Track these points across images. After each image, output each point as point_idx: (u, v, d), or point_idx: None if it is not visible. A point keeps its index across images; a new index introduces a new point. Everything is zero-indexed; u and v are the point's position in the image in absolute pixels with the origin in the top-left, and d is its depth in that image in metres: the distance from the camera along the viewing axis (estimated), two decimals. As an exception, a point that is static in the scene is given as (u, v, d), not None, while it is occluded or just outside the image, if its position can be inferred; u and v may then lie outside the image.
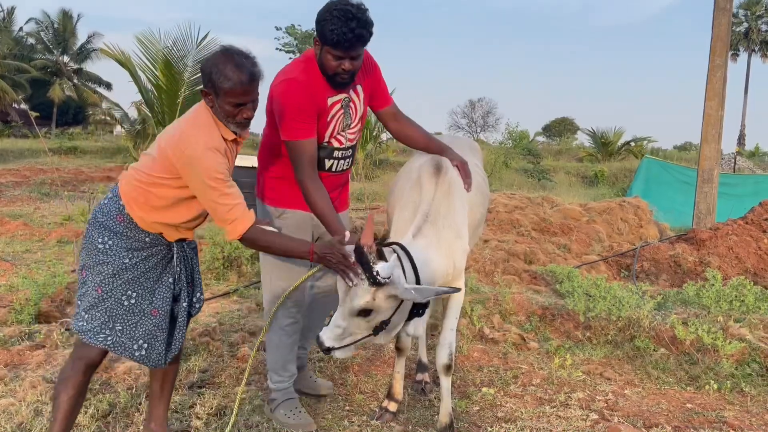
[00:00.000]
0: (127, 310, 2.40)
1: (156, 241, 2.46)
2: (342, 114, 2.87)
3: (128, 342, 2.42)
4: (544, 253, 6.80)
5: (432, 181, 2.82)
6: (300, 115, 2.71)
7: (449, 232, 2.79)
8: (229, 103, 2.34)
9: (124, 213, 2.39)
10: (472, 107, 57.61)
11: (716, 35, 9.10)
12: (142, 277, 2.43)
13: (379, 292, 2.40)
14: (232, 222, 2.37)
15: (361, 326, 2.49)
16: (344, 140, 2.94)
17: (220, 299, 5.10)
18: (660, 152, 33.32)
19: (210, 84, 2.34)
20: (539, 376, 3.85)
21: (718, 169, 9.32)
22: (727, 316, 4.29)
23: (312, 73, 2.76)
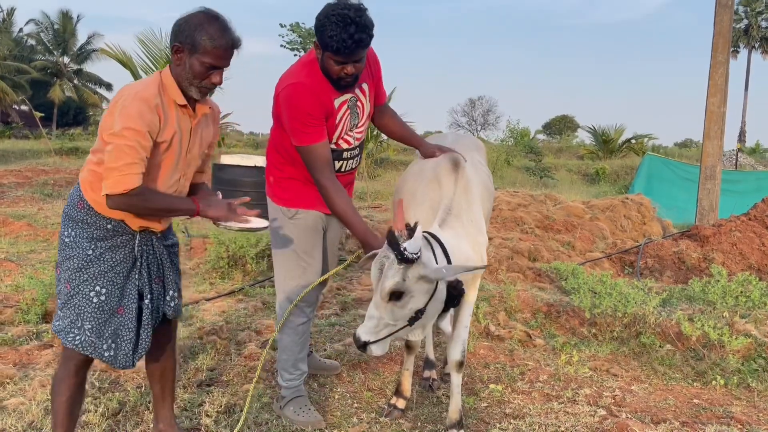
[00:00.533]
0: (96, 307, 2.28)
1: (119, 229, 2.32)
2: (349, 114, 2.87)
3: (97, 341, 2.29)
4: (548, 251, 6.81)
5: (451, 177, 2.84)
6: (310, 120, 2.70)
7: (473, 228, 2.82)
8: (204, 63, 2.23)
9: (84, 199, 2.29)
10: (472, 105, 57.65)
11: (718, 31, 9.10)
12: (111, 271, 2.30)
13: (410, 272, 2.35)
14: (124, 175, 2.13)
15: (396, 314, 2.42)
16: (352, 140, 2.95)
17: (225, 298, 5.11)
18: (661, 149, 33.37)
19: (189, 40, 2.22)
20: (546, 372, 3.86)
21: (720, 166, 9.33)
22: (733, 311, 4.29)
23: (316, 75, 2.74)
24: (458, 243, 2.66)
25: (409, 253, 2.31)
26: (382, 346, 2.47)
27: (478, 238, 2.83)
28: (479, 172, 3.22)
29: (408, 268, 2.35)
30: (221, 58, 2.26)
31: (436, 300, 2.47)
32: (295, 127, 2.71)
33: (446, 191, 2.80)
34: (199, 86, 2.29)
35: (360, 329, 2.45)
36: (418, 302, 2.43)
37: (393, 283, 2.36)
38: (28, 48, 49.14)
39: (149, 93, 2.21)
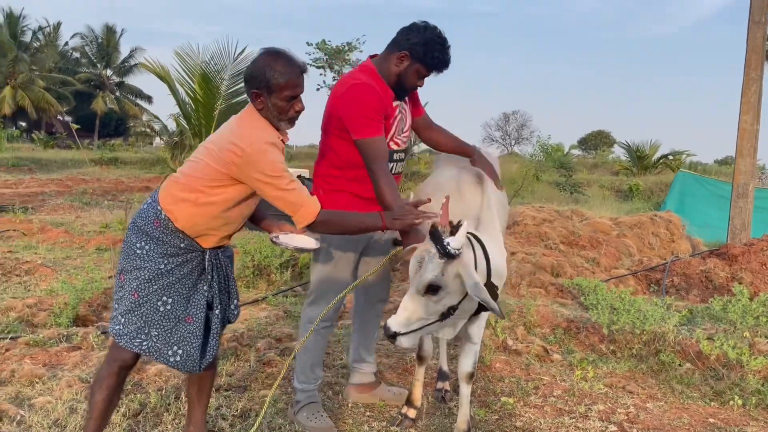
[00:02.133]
0: (162, 315, 2.44)
1: (190, 248, 2.49)
2: (400, 118, 3.11)
3: (163, 348, 2.45)
4: (571, 267, 6.79)
5: (477, 190, 2.92)
6: (374, 114, 2.90)
7: (499, 244, 2.89)
8: (284, 97, 2.44)
9: (162, 218, 2.44)
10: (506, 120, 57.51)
11: (751, 48, 8.98)
12: (178, 283, 2.46)
13: (449, 267, 2.40)
14: (303, 206, 2.43)
15: (429, 308, 2.46)
16: (401, 143, 3.16)
17: (249, 306, 5.23)
18: (699, 166, 32.73)
19: (263, 83, 2.42)
20: (560, 387, 3.87)
21: (753, 184, 9.16)
22: (754, 331, 4.24)
23: (378, 80, 2.99)
24: (494, 250, 2.72)
25: (452, 248, 2.38)
26: (411, 338, 2.50)
27: (503, 252, 2.92)
28: (495, 190, 3.28)
29: (448, 264, 2.40)
30: (296, 87, 2.47)
31: (471, 299, 2.48)
32: (358, 121, 2.88)
33: (472, 203, 2.87)
34: (288, 119, 2.52)
35: (391, 320, 2.48)
36: (453, 299, 2.48)
37: (432, 277, 2.41)
38: (73, 61, 50.80)
39: (274, 139, 2.46)
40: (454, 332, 2.71)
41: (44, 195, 13.18)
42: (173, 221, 2.44)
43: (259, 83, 2.43)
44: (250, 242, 6.22)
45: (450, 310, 2.50)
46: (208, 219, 2.46)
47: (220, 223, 2.48)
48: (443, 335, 2.70)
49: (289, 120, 2.52)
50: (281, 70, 2.42)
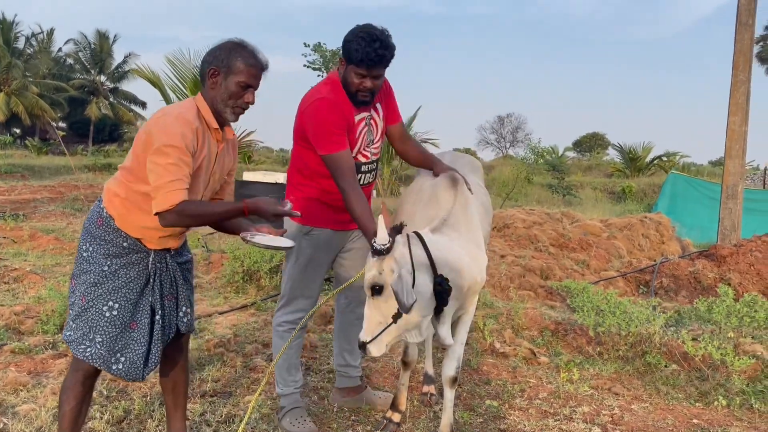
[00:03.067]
0: (108, 321, 2.38)
1: (134, 247, 2.42)
2: (366, 131, 3.08)
3: (107, 354, 2.38)
4: (561, 269, 6.81)
5: (450, 193, 2.92)
6: (334, 129, 2.90)
7: (472, 245, 2.88)
8: (239, 83, 2.40)
9: (104, 215, 2.40)
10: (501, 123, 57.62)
11: (739, 50, 9.04)
12: (125, 287, 2.40)
13: (384, 264, 2.44)
14: (169, 192, 2.24)
15: (381, 310, 2.49)
16: (369, 155, 3.14)
17: (237, 312, 5.23)
18: (693, 167, 32.83)
19: (224, 62, 2.40)
20: (546, 389, 3.89)
21: (742, 185, 9.20)
22: (738, 331, 4.26)
23: (339, 93, 2.97)
24: (450, 245, 2.71)
25: (377, 244, 2.43)
26: (378, 345, 2.53)
27: (477, 255, 2.89)
28: (477, 192, 3.29)
29: (382, 261, 2.45)
30: (254, 77, 2.45)
31: (418, 296, 2.49)
32: (321, 138, 2.90)
33: (444, 206, 2.88)
34: (234, 106, 2.45)
35: (361, 331, 2.55)
36: None
37: (370, 276, 2.47)
38: (67, 67, 50.69)
39: (191, 116, 2.36)
40: (420, 335, 2.69)
41: (36, 202, 13.14)
42: (114, 219, 2.40)
43: (220, 62, 2.40)
44: (240, 248, 6.21)
45: (399, 311, 2.49)
46: (138, 214, 2.38)
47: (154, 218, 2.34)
48: (411, 339, 2.68)
49: (235, 109, 2.44)
50: (246, 56, 2.42)
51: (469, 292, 2.88)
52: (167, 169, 2.24)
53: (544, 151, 22.20)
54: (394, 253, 2.46)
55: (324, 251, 3.20)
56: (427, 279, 2.55)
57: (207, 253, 7.10)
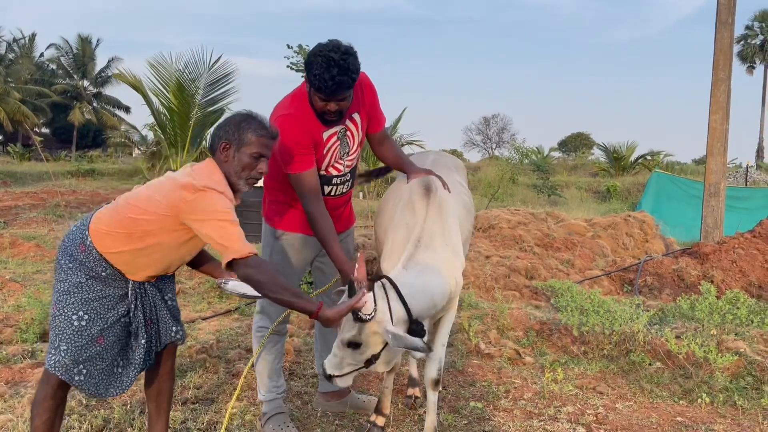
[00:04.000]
0: (75, 330, 2.35)
1: (114, 277, 2.42)
2: (338, 144, 2.99)
3: (70, 364, 2.35)
4: (546, 269, 6.82)
5: (423, 202, 2.90)
6: (299, 149, 2.83)
7: (446, 251, 2.87)
8: (251, 154, 2.42)
9: (87, 244, 2.38)
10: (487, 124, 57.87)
11: (719, 49, 9.11)
12: (97, 301, 2.38)
13: (365, 328, 2.54)
14: (238, 242, 2.31)
15: (355, 358, 2.62)
16: (342, 167, 3.06)
17: (221, 317, 5.18)
18: (677, 166, 33.11)
19: (235, 134, 2.43)
20: (531, 390, 3.88)
21: (724, 183, 9.28)
22: (721, 329, 4.28)
23: (305, 108, 2.87)
24: (423, 282, 2.72)
25: (363, 314, 2.51)
26: (345, 380, 2.70)
27: (454, 262, 2.88)
28: (458, 192, 3.27)
29: (363, 326, 2.54)
30: (266, 147, 2.47)
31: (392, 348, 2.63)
32: (285, 156, 2.85)
33: (418, 218, 2.87)
34: (248, 178, 2.46)
35: (326, 361, 2.68)
36: (374, 349, 2.61)
37: (350, 337, 2.57)
38: (49, 72, 50.23)
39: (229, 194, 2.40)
40: (388, 367, 2.78)
41: (18, 208, 12.99)
42: (98, 249, 2.38)
43: (231, 135, 2.43)
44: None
45: (373, 358, 2.63)
46: (136, 258, 2.41)
47: (150, 262, 2.43)
48: (379, 370, 2.76)
49: (248, 180, 2.45)
50: (255, 126, 2.45)
51: (446, 305, 2.91)
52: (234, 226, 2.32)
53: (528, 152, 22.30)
54: (377, 319, 2.54)
55: (295, 256, 3.16)
56: (402, 329, 2.61)
57: (190, 258, 7.02)
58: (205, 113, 13.05)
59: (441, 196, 2.96)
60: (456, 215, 3.02)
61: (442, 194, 2.97)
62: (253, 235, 9.51)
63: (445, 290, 2.81)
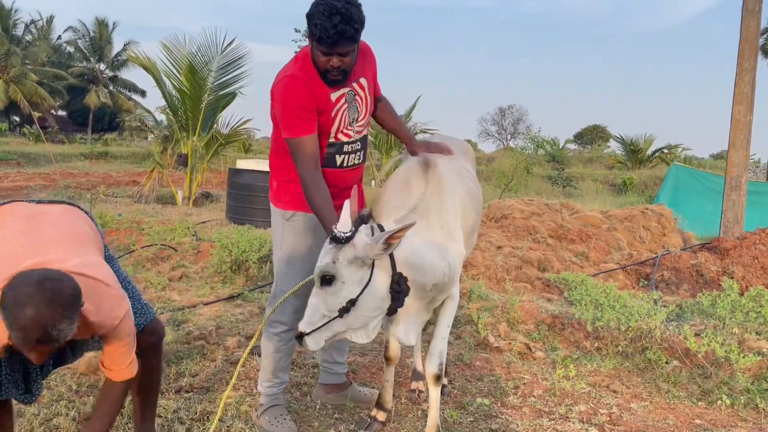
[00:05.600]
0: None
1: None
2: (346, 108, 2.81)
3: None
4: (559, 261, 6.62)
5: (422, 179, 2.71)
6: (300, 113, 2.66)
7: (441, 232, 2.66)
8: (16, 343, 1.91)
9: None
10: (502, 114, 57.40)
11: (744, 38, 8.81)
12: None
13: (340, 254, 2.31)
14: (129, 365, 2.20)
15: (328, 302, 2.35)
16: (353, 133, 2.88)
17: (223, 302, 5.05)
18: (694, 160, 32.64)
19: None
20: (541, 387, 3.71)
21: (746, 176, 9.00)
22: (743, 327, 4.08)
23: (309, 70, 2.70)
24: (413, 240, 2.49)
25: (338, 232, 2.28)
26: (316, 339, 2.39)
27: (448, 245, 2.65)
28: (464, 178, 3.08)
29: (339, 250, 2.30)
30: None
31: (371, 293, 2.36)
32: (286, 119, 2.69)
33: (415, 192, 2.67)
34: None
35: (302, 319, 2.40)
36: (350, 291, 2.34)
37: (323, 264, 2.32)
38: (66, 55, 50.43)
39: None
40: (367, 337, 2.50)
41: (29, 189, 12.97)
42: None
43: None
44: (228, 237, 6.03)
45: (348, 304, 2.34)
46: None
47: None
48: (356, 339, 2.49)
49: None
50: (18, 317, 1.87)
51: (435, 289, 2.65)
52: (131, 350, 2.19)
53: (544, 141, 21.94)
54: (354, 242, 2.30)
55: (309, 237, 2.94)
56: (384, 276, 2.37)
57: (196, 242, 6.91)
58: (217, 96, 12.92)
59: (441, 174, 2.76)
60: (456, 198, 2.81)
61: (442, 172, 2.77)
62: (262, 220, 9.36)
63: (435, 266, 2.55)
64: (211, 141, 13.47)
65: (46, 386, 3.17)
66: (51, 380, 3.29)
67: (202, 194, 13.82)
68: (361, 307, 2.36)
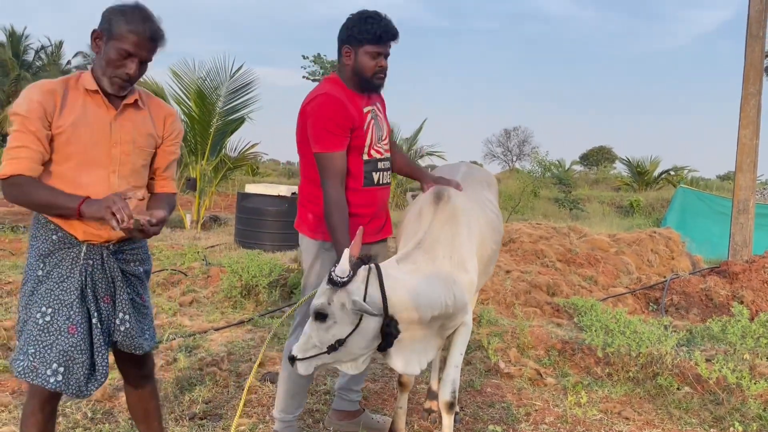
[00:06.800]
0: (42, 329, 2.13)
1: (65, 240, 2.20)
2: (374, 124, 2.93)
3: (41, 367, 2.12)
4: (568, 285, 6.63)
5: (431, 209, 2.77)
6: (336, 129, 2.75)
7: (450, 263, 2.69)
8: (118, 50, 2.13)
9: (34, 213, 2.22)
10: (508, 136, 57.45)
11: (749, 62, 8.88)
12: (57, 288, 2.16)
13: (335, 296, 2.36)
14: (7, 159, 2.06)
15: (320, 336, 2.40)
16: (382, 151, 2.99)
17: (234, 328, 5.07)
18: (701, 182, 32.60)
19: (106, 24, 2.14)
20: (553, 413, 3.71)
21: (754, 199, 9.01)
22: (754, 353, 4.08)
23: (342, 88, 2.85)
24: (410, 281, 2.53)
25: (335, 275, 2.34)
26: (306, 365, 2.45)
27: (456, 276, 2.67)
28: (485, 209, 3.13)
29: (334, 292, 2.36)
30: (137, 46, 2.15)
31: (360, 334, 2.40)
32: (319, 133, 2.76)
33: (423, 224, 2.74)
34: (112, 76, 2.17)
35: (296, 343, 2.48)
36: (340, 332, 2.39)
37: (318, 303, 2.38)
38: (75, 79, 50.94)
39: (46, 81, 2.17)
40: (356, 368, 2.55)
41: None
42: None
43: (103, 24, 2.16)
44: (239, 262, 6.07)
45: (337, 343, 2.40)
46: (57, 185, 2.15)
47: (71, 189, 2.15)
48: (346, 370, 2.55)
49: (112, 79, 2.17)
50: (129, 19, 2.13)
51: (439, 319, 2.65)
52: (12, 136, 2.08)
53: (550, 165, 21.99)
54: (349, 287, 2.36)
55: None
56: (374, 320, 2.42)
57: (206, 266, 6.95)
58: (226, 121, 13.06)
59: (455, 205, 2.81)
60: (474, 228, 2.87)
61: (457, 204, 2.82)
62: (270, 244, 9.37)
63: (435, 301, 2.57)
64: (219, 165, 13.59)
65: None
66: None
67: (210, 218, 13.90)
68: (349, 346, 2.42)
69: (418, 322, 2.54)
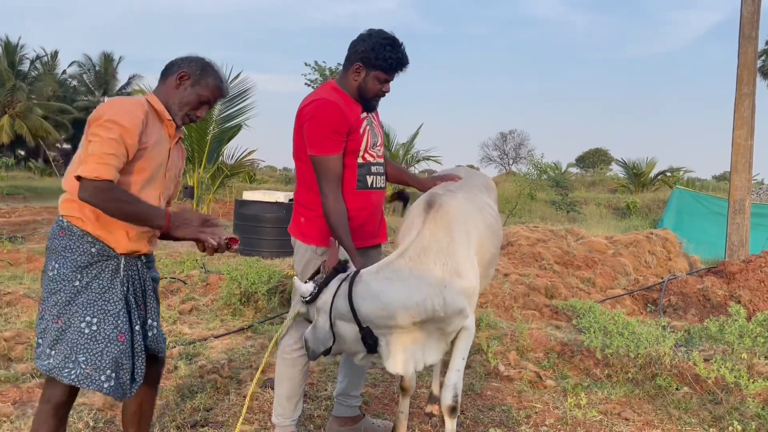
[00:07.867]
0: (89, 338, 2.25)
1: (103, 253, 2.31)
2: (370, 129, 2.99)
3: (94, 374, 2.24)
4: (566, 288, 6.65)
5: (420, 217, 2.79)
6: (332, 134, 2.80)
7: (440, 269, 2.67)
8: (200, 95, 2.47)
9: (64, 226, 2.30)
10: (504, 139, 57.65)
11: (742, 63, 8.94)
12: (101, 299, 2.28)
13: (310, 308, 2.67)
14: (101, 163, 2.16)
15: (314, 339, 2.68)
16: (375, 155, 3.03)
17: (233, 335, 5.08)
18: (697, 182, 32.71)
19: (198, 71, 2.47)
20: (553, 416, 3.72)
21: (749, 199, 9.06)
22: (752, 352, 4.10)
23: (340, 94, 2.90)
24: (384, 287, 2.58)
25: (301, 295, 2.62)
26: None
27: (446, 280, 2.65)
28: (484, 213, 3.14)
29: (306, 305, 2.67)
30: (215, 99, 2.53)
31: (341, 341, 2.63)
32: (315, 137, 2.80)
33: (412, 232, 2.77)
34: (188, 114, 2.48)
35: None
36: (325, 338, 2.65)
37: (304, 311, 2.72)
38: (71, 89, 50.94)
39: (137, 99, 2.39)
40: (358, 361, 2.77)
41: (36, 224, 13.06)
42: (75, 224, 2.29)
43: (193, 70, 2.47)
44: (237, 269, 6.07)
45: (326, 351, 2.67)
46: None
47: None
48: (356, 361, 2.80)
49: (184, 117, 2.48)
50: (217, 77, 2.51)
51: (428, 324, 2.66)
52: (107, 142, 2.19)
53: (547, 167, 22.05)
54: (316, 303, 2.60)
55: None
56: (349, 327, 2.60)
57: (205, 274, 6.96)
58: (222, 129, 13.09)
59: (448, 211, 2.81)
60: (473, 233, 2.88)
61: (450, 210, 2.82)
62: (269, 251, 9.36)
63: (413, 306, 2.57)
64: (216, 172, 13.60)
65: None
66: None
67: (208, 225, 13.89)
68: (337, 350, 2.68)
69: (401, 327, 2.60)
